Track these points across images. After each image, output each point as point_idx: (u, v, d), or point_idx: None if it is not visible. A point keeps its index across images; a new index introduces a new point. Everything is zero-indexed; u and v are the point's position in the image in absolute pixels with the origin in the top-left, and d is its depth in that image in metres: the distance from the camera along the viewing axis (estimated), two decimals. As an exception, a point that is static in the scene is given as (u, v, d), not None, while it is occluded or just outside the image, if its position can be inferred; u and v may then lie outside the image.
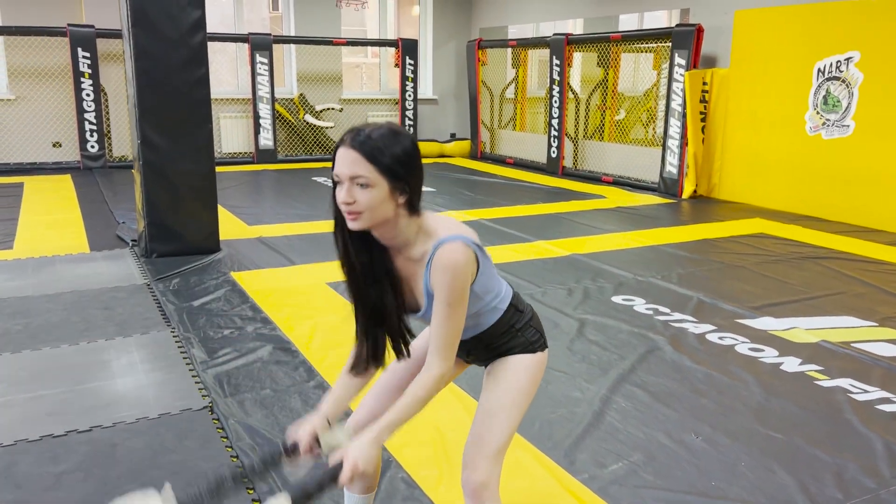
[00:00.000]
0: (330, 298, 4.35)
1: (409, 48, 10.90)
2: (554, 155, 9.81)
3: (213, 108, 9.19)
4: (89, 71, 9.18)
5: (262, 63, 10.00)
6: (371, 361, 1.71)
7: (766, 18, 7.29)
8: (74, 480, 2.41)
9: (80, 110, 9.25)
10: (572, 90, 9.66)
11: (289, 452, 1.69)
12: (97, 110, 9.32)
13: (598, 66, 9.43)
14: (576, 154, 9.76)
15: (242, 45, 10.25)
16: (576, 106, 9.73)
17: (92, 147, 9.39)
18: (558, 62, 9.45)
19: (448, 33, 11.87)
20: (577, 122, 9.75)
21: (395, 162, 1.51)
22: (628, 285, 4.72)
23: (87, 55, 9.12)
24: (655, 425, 2.86)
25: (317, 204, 7.38)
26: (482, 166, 10.53)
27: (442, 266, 1.54)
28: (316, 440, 1.68)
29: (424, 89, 11.88)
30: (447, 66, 11.99)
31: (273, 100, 10.18)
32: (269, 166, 10.11)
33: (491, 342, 1.77)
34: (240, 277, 4.74)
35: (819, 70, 6.88)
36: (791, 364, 3.49)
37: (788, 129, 7.20)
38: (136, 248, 5.42)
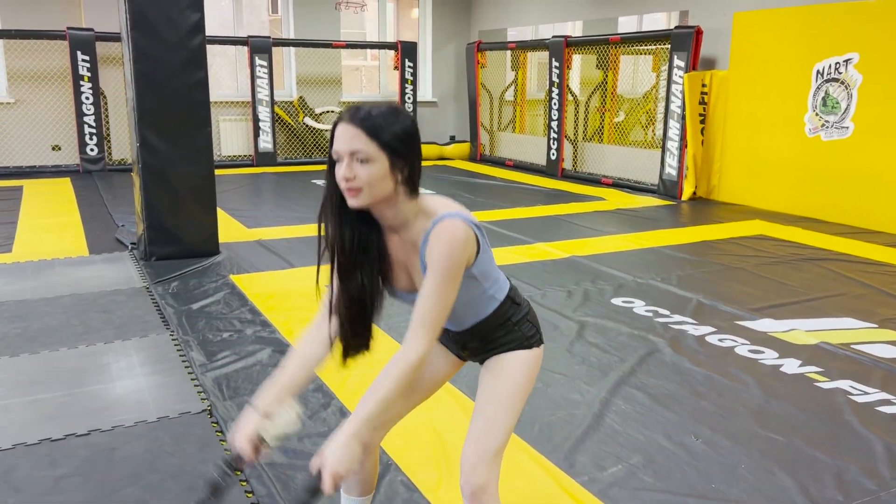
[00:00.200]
0: (329, 301, 4.34)
1: (408, 51, 10.91)
2: (553, 157, 9.81)
3: (213, 111, 9.21)
4: (89, 74, 9.18)
5: (261, 66, 10.00)
6: (334, 339, 1.65)
7: (765, 20, 7.30)
8: (73, 484, 2.41)
9: (80, 113, 9.25)
10: (572, 92, 9.66)
11: (236, 466, 1.57)
12: (96, 113, 9.32)
13: (597, 68, 9.43)
14: (575, 156, 9.76)
15: (242, 48, 10.25)
16: (575, 108, 9.73)
17: (91, 150, 9.39)
18: (557, 64, 9.46)
19: (447, 36, 11.88)
20: (577, 124, 9.75)
21: (394, 139, 1.49)
22: (628, 287, 4.71)
23: (87, 58, 9.13)
24: (655, 427, 2.85)
25: (316, 207, 7.29)
26: (482, 168, 10.53)
27: (440, 238, 1.52)
28: (260, 439, 1.56)
29: (424, 92, 11.88)
30: (446, 69, 11.99)
31: (272, 103, 10.19)
32: (269, 169, 10.11)
33: (487, 334, 1.74)
34: (239, 280, 4.73)
35: (818, 72, 6.88)
36: (791, 366, 3.49)
37: (788, 130, 7.20)
38: (136, 251, 5.42)
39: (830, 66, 6.77)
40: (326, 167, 1.57)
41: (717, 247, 5.89)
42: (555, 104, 9.60)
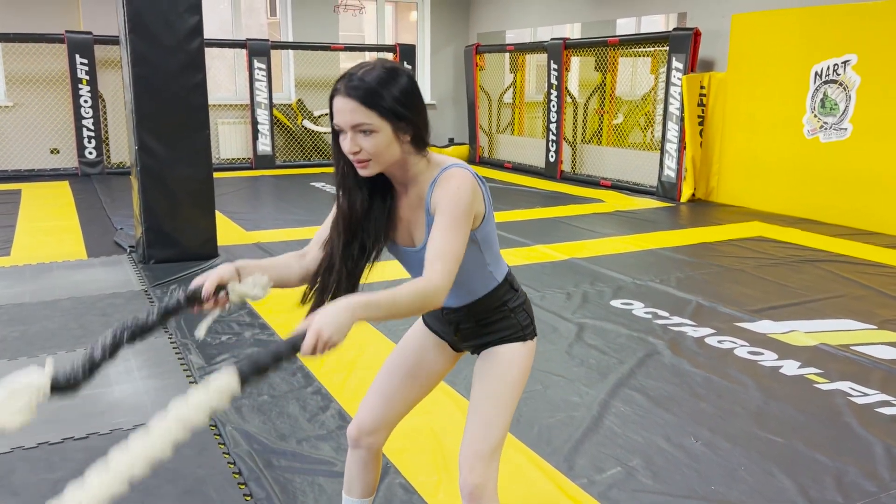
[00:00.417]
0: (328, 304, 4.34)
1: (406, 53, 10.91)
2: (552, 159, 9.81)
3: (212, 113, 9.20)
4: (87, 77, 9.18)
5: (260, 69, 10.00)
6: (301, 281, 1.65)
7: (763, 22, 7.30)
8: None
9: (78, 117, 9.25)
10: (570, 94, 9.66)
11: (190, 300, 1.48)
12: (95, 117, 9.32)
13: (595, 70, 9.44)
14: (574, 158, 9.76)
15: (240, 51, 10.25)
16: (574, 110, 9.73)
17: (90, 153, 9.38)
18: (556, 66, 9.46)
19: (446, 38, 11.89)
20: (576, 126, 9.75)
21: (394, 103, 1.49)
22: (627, 289, 4.71)
23: (85, 62, 9.13)
24: (654, 429, 2.85)
25: (315, 209, 7.37)
26: (481, 171, 10.50)
27: (447, 183, 1.53)
28: (223, 289, 1.49)
29: (422, 94, 11.88)
30: (445, 71, 12.00)
31: (271, 105, 10.19)
32: (268, 172, 10.11)
33: (482, 316, 1.72)
34: (238, 283, 4.72)
35: (816, 73, 6.88)
36: (790, 367, 3.49)
37: (786, 132, 7.20)
38: (134, 254, 5.41)
39: (829, 68, 6.78)
40: (331, 137, 1.57)
41: (716, 248, 5.89)
42: (553, 106, 9.60)
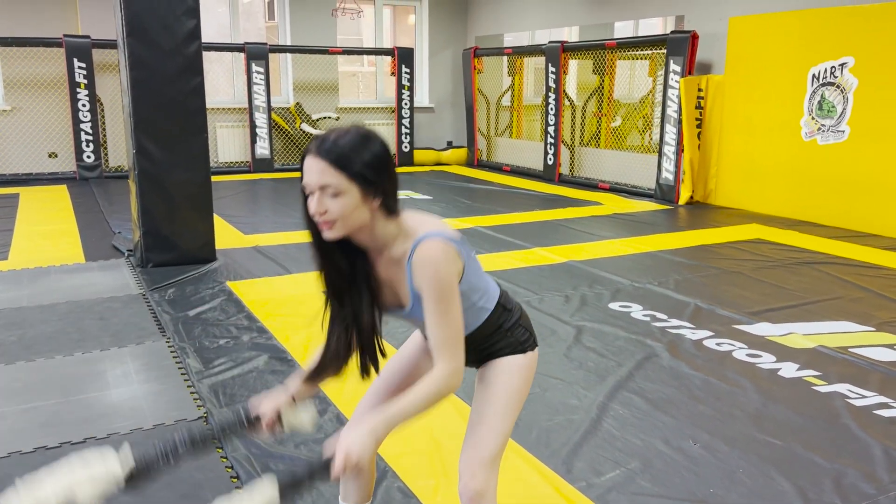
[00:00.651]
0: (326, 307, 4.33)
1: (405, 57, 10.92)
2: (550, 162, 9.82)
3: (210, 117, 9.20)
4: (85, 81, 9.18)
5: (258, 72, 10.01)
6: (333, 367, 1.68)
7: (761, 25, 7.32)
8: (68, 492, 2.39)
9: (76, 121, 9.25)
10: (568, 97, 9.68)
11: (250, 423, 1.65)
12: (93, 120, 9.32)
13: (593, 73, 9.45)
14: (572, 161, 9.77)
15: (238, 55, 10.26)
16: (572, 113, 9.74)
17: (88, 157, 9.38)
18: (554, 69, 9.47)
19: (444, 41, 11.90)
20: (574, 129, 9.76)
21: (364, 168, 1.47)
22: (625, 292, 4.71)
23: (83, 65, 9.13)
24: (653, 432, 2.84)
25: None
26: (479, 174, 10.53)
27: (422, 264, 1.51)
28: (279, 417, 1.65)
29: (421, 98, 11.90)
30: (443, 75, 12.01)
31: (269, 109, 10.19)
32: (266, 175, 10.11)
33: (479, 344, 1.73)
34: (236, 287, 4.72)
35: (813, 76, 6.89)
36: (789, 370, 3.49)
37: (784, 134, 7.21)
38: (132, 257, 5.40)
39: (826, 70, 6.79)
40: (301, 199, 1.55)
41: (715, 251, 5.89)
42: (551, 109, 9.61)
